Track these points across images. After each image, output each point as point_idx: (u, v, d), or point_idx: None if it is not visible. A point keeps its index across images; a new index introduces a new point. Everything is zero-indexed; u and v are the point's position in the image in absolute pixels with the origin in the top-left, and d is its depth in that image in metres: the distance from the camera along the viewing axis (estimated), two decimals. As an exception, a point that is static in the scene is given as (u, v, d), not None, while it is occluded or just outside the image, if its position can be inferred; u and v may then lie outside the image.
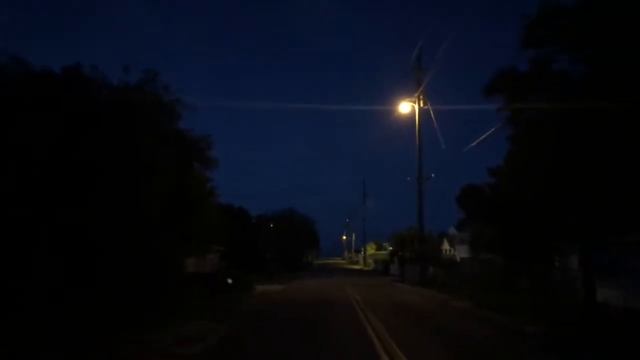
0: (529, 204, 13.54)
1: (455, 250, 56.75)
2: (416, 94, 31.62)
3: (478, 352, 10.04)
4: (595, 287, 14.74)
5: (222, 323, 13.98)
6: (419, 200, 30.95)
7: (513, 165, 13.74)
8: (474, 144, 21.96)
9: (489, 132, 20.98)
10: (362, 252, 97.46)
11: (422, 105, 31.61)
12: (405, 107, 32.11)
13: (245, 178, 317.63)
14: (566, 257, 22.10)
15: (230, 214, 60.15)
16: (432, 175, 29.19)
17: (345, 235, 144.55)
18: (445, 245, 66.67)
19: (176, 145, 12.96)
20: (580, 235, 13.33)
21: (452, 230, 62.96)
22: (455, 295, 21.85)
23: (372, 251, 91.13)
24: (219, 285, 21.55)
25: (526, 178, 12.60)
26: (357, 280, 38.52)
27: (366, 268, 77.79)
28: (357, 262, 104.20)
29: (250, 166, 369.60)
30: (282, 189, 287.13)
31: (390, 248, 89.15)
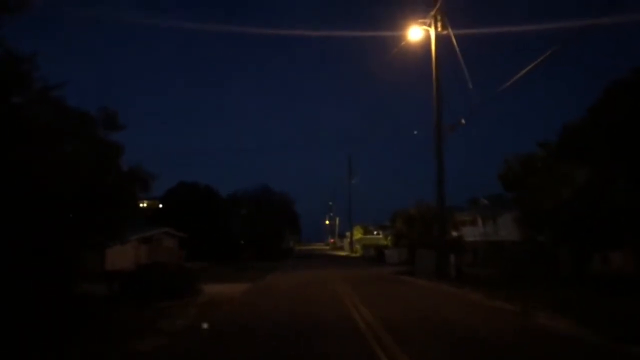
0: None
1: (457, 232, 49.26)
2: (432, 13, 22.68)
3: None
4: None
5: None
6: (437, 160, 22.14)
7: None
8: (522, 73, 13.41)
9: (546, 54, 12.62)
10: (347, 237, 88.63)
11: (440, 29, 22.76)
12: (417, 33, 23.19)
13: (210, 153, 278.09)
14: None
15: (194, 194, 51.01)
16: (463, 120, 20.14)
17: (328, 220, 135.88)
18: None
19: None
20: None
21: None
22: (518, 300, 13.20)
23: (360, 236, 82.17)
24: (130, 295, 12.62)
25: None
26: (350, 272, 29.59)
27: (354, 255, 69.28)
28: (341, 248, 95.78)
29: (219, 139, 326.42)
30: (256, 166, 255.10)
31: (376, 232, 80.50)
